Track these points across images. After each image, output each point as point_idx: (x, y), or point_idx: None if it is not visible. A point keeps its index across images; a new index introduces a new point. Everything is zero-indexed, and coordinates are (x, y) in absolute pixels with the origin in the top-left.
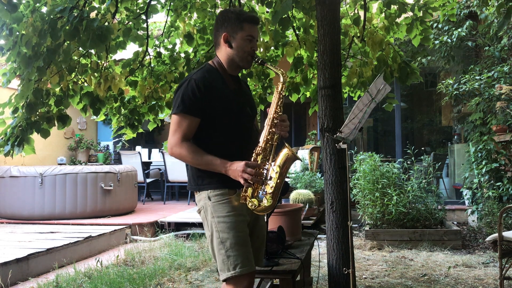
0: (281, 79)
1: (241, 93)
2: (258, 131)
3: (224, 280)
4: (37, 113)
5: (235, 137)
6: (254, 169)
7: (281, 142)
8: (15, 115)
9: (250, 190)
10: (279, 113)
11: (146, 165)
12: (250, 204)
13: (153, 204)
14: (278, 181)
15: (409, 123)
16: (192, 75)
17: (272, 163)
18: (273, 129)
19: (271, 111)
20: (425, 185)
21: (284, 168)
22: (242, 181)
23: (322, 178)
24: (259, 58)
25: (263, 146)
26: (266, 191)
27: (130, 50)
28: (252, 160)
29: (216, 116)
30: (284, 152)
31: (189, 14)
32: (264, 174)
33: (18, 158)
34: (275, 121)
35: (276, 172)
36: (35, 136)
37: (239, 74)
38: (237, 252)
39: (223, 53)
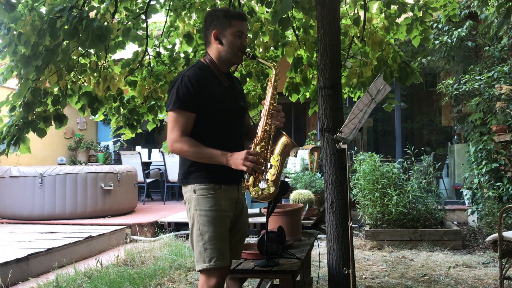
0: (274, 72)
1: (233, 89)
2: (255, 124)
3: (198, 271)
4: (34, 112)
5: (228, 134)
6: (255, 157)
7: (279, 131)
8: (12, 113)
9: (251, 180)
10: (274, 104)
11: (146, 165)
12: (253, 192)
13: (153, 204)
14: (279, 168)
15: (409, 123)
16: (184, 72)
17: (272, 152)
18: (270, 120)
19: (266, 103)
20: (425, 185)
21: (284, 156)
22: (244, 169)
23: (322, 178)
24: (250, 53)
25: (261, 136)
26: (267, 179)
27: (129, 50)
28: (251, 150)
29: (208, 114)
30: (282, 140)
31: (188, 14)
32: (265, 163)
33: (14, 157)
34: (271, 112)
35: (277, 160)
36: (35, 136)
37: (238, 74)
38: (214, 246)
39: (214, 50)
